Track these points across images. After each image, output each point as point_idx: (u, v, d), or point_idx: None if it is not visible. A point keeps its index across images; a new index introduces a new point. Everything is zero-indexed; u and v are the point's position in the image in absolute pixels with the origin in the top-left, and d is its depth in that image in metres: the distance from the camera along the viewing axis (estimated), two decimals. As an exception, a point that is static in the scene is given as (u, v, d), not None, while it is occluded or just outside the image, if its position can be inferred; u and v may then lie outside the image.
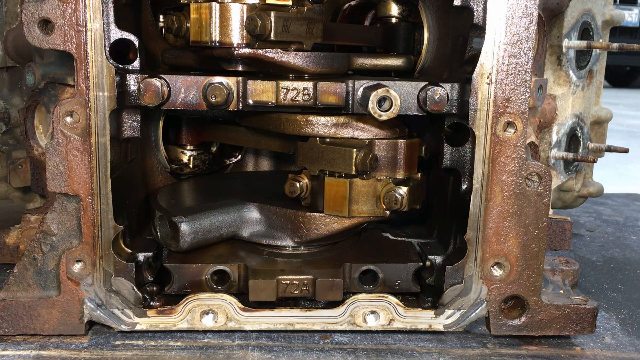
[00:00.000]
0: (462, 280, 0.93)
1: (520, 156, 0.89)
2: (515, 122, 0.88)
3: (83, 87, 0.85)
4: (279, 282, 0.93)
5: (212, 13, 0.93)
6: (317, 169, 0.98)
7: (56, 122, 0.86)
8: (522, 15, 0.86)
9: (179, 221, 0.96)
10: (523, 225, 0.91)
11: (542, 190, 0.91)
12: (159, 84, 0.88)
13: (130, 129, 0.95)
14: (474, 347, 0.95)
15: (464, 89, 0.90)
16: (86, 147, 0.87)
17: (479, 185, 0.90)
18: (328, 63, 0.98)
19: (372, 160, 0.94)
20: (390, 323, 0.96)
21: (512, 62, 0.87)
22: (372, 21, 1.28)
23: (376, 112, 0.89)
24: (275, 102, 0.91)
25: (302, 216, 1.00)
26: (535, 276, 0.93)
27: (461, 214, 0.93)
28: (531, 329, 0.95)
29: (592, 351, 0.96)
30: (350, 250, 1.05)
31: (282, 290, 0.93)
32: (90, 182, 0.87)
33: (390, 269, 0.98)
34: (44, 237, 0.90)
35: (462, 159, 0.96)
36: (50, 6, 0.83)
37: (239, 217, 1.03)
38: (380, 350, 0.94)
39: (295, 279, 0.94)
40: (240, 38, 0.94)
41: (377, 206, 0.97)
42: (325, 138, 0.98)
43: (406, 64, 1.15)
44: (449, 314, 0.95)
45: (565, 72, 1.16)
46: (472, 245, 0.92)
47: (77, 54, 0.85)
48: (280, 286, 0.93)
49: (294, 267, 0.97)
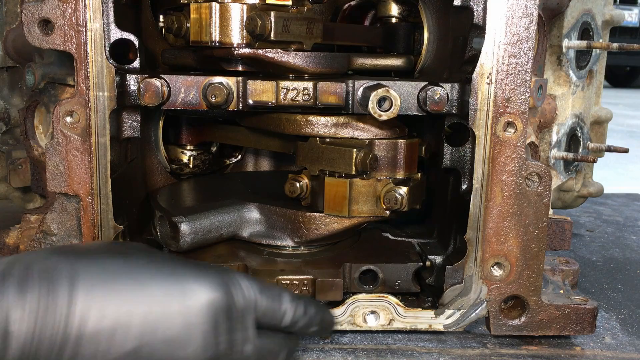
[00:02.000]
0: (462, 280, 0.93)
1: (520, 156, 0.89)
2: (515, 122, 0.88)
3: (83, 87, 0.85)
4: (279, 282, 0.93)
5: (212, 13, 0.93)
6: (317, 169, 0.98)
7: (56, 122, 0.86)
8: (522, 15, 0.86)
9: (179, 221, 0.96)
10: (523, 225, 0.91)
11: (542, 190, 0.91)
12: (159, 84, 0.88)
13: (130, 129, 0.95)
14: (474, 347, 0.95)
15: (464, 89, 0.90)
16: (86, 147, 0.87)
17: (479, 185, 0.90)
18: (328, 63, 0.98)
19: (372, 160, 0.94)
20: (390, 323, 0.96)
21: (512, 62, 0.87)
22: (372, 21, 1.28)
23: (376, 112, 0.89)
24: (275, 102, 0.91)
25: (302, 216, 1.00)
26: (535, 276, 0.93)
27: (461, 214, 0.93)
28: (531, 329, 0.95)
29: (592, 351, 0.96)
30: (350, 250, 1.05)
31: None
32: (90, 182, 0.87)
33: (390, 269, 0.98)
34: (44, 237, 0.90)
35: (462, 159, 0.96)
36: (50, 6, 0.83)
37: (239, 217, 1.03)
38: (380, 350, 0.94)
39: (295, 279, 0.94)
40: (240, 38, 0.94)
41: (377, 206, 0.97)
42: (325, 138, 0.98)
43: (406, 64, 1.15)
44: (449, 314, 0.95)
45: (565, 72, 1.16)
46: (472, 245, 0.92)
47: (77, 54, 0.85)
48: (280, 286, 0.93)
49: (294, 267, 0.97)
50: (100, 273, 0.62)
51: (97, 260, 0.63)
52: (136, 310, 0.61)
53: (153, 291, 0.63)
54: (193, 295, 0.63)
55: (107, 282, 0.61)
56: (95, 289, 0.61)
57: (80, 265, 0.62)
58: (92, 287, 0.60)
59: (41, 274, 0.60)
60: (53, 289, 0.59)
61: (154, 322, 0.62)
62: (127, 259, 0.65)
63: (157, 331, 0.61)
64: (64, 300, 0.59)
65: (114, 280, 0.62)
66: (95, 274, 0.62)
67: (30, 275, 0.59)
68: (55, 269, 0.61)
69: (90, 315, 0.59)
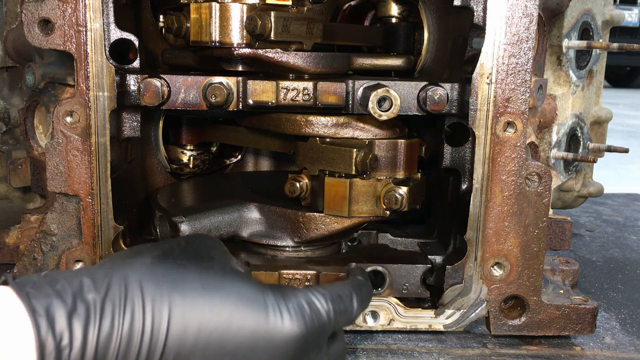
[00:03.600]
0: (462, 280, 0.93)
1: (520, 156, 0.89)
2: (515, 122, 0.88)
3: (83, 87, 0.85)
4: (281, 276, 0.93)
5: (212, 13, 0.93)
6: (317, 169, 0.98)
7: (56, 122, 0.86)
8: (522, 15, 0.86)
9: (179, 221, 0.96)
10: (523, 225, 0.91)
11: (542, 190, 0.91)
12: (159, 84, 0.88)
13: (130, 129, 0.95)
14: (474, 347, 0.95)
15: (464, 89, 0.90)
16: (86, 147, 0.87)
17: (479, 185, 0.90)
18: (328, 63, 0.98)
19: (372, 160, 0.94)
20: (390, 323, 0.96)
21: (512, 62, 0.87)
22: (372, 21, 1.28)
23: (376, 112, 0.89)
24: (275, 102, 0.91)
25: (302, 216, 1.00)
26: (535, 276, 0.93)
27: (461, 214, 0.93)
28: (531, 329, 0.95)
29: (592, 351, 0.96)
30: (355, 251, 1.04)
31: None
32: (90, 182, 0.87)
33: (398, 270, 0.97)
34: (44, 237, 0.90)
35: (462, 159, 0.96)
36: (50, 6, 0.83)
37: (239, 217, 1.03)
38: (380, 350, 0.94)
39: (298, 274, 0.93)
40: (240, 38, 0.94)
41: (377, 206, 0.96)
42: (325, 138, 0.97)
43: (406, 64, 1.15)
44: (449, 314, 0.95)
45: (565, 72, 1.16)
46: (472, 245, 0.92)
47: (77, 54, 0.85)
48: (282, 280, 0.93)
49: (296, 264, 0.97)
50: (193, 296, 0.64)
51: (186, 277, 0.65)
52: (227, 345, 0.63)
53: (242, 320, 0.64)
54: (277, 332, 0.65)
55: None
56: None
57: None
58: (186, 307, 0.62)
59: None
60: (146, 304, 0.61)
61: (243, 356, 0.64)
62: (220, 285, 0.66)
63: None
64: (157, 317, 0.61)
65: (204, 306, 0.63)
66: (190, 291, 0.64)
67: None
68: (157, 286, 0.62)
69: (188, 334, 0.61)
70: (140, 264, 0.64)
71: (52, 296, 0.57)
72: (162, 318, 0.60)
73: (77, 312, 0.57)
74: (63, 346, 0.55)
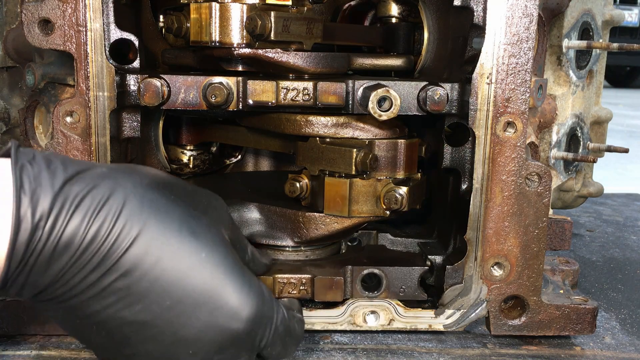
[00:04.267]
0: (462, 280, 0.93)
1: (520, 156, 0.89)
2: (515, 122, 0.88)
3: (83, 87, 0.85)
4: (276, 281, 0.93)
5: (212, 13, 0.93)
6: (317, 169, 0.98)
7: (56, 122, 0.86)
8: (522, 15, 0.86)
9: (179, 221, 0.96)
10: (523, 225, 0.91)
11: (542, 190, 0.91)
12: (159, 84, 0.88)
13: (130, 129, 0.95)
14: (474, 347, 0.95)
15: (464, 89, 0.90)
16: (86, 147, 0.87)
17: (479, 185, 0.90)
18: (328, 63, 0.98)
19: (372, 160, 0.94)
20: (390, 323, 0.96)
21: (512, 62, 0.87)
22: (372, 21, 1.28)
23: (376, 112, 0.89)
24: (275, 102, 0.91)
25: (302, 216, 1.00)
26: (535, 276, 0.93)
27: (461, 214, 0.93)
28: (531, 329, 0.95)
29: (592, 351, 0.96)
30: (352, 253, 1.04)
31: (279, 291, 0.93)
32: (90, 182, 0.87)
33: (395, 273, 0.96)
34: (44, 237, 0.90)
35: (462, 159, 0.96)
36: (50, 6, 0.83)
37: (238, 217, 1.03)
38: (380, 350, 0.94)
39: (293, 278, 0.93)
40: (240, 38, 0.94)
41: (377, 206, 0.96)
42: (325, 138, 0.97)
43: (406, 64, 1.15)
44: (449, 314, 0.95)
45: (565, 72, 1.16)
46: (472, 245, 0.92)
47: (77, 54, 0.85)
48: (277, 285, 0.93)
49: (292, 268, 0.97)
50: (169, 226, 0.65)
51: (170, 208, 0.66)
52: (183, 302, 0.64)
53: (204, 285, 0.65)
54: (225, 303, 0.66)
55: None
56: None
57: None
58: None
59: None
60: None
61: (186, 317, 0.64)
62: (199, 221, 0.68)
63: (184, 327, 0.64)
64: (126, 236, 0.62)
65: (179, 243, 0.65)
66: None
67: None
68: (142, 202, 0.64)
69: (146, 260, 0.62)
70: (136, 181, 0.65)
71: (43, 177, 0.59)
72: (129, 234, 0.61)
73: (59, 198, 0.59)
74: (39, 226, 0.57)
